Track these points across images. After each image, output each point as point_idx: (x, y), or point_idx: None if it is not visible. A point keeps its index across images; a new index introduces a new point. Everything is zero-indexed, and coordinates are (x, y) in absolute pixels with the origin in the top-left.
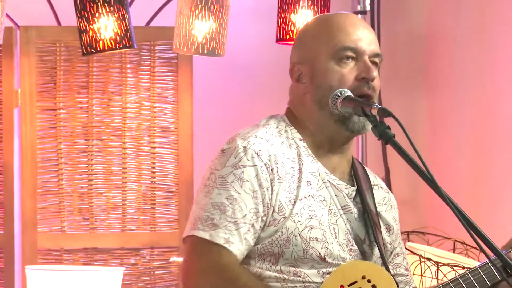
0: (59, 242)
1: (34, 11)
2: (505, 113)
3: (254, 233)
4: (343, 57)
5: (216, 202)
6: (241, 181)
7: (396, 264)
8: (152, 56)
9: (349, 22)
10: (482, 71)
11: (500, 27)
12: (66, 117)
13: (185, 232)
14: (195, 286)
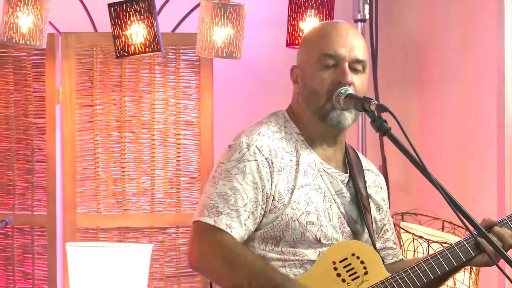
0: (96, 222)
1: (73, 19)
2: (485, 109)
3: (254, 220)
4: (324, 63)
5: (221, 192)
6: (244, 174)
7: (386, 239)
8: (177, 58)
9: (336, 30)
10: (466, 73)
11: (482, 34)
12: (102, 112)
13: (194, 217)
14: (199, 264)
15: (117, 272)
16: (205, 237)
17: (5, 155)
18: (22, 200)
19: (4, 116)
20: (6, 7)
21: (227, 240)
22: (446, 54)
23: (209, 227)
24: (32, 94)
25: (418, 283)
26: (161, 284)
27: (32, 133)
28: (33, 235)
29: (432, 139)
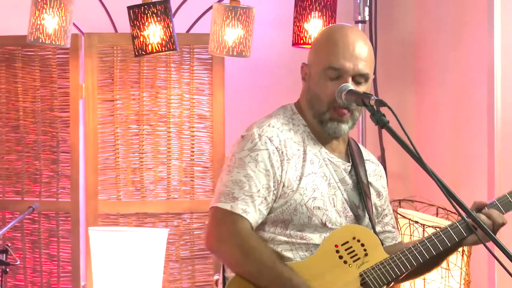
0: (116, 208)
1: (95, 20)
2: (476, 103)
3: (267, 205)
4: (329, 75)
5: (236, 179)
6: (256, 162)
7: (385, 223)
8: (191, 57)
9: (344, 41)
10: (459, 70)
11: (473, 35)
12: (122, 107)
13: (211, 203)
14: (216, 248)
15: (136, 255)
16: (222, 222)
17: (32, 146)
18: (48, 188)
19: (31, 110)
20: (33, 10)
21: (243, 228)
22: (440, 52)
23: (226, 213)
24: (57, 90)
25: (414, 263)
26: (177, 266)
27: (57, 126)
28: (58, 220)
29: (427, 131)
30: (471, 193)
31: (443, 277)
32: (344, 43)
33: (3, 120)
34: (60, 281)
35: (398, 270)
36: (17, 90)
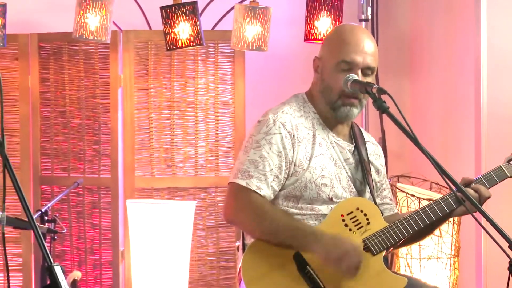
0: (150, 183)
1: (132, 19)
2: (464, 90)
3: (279, 182)
4: (341, 67)
5: (252, 159)
6: (270, 144)
7: (383, 196)
8: (216, 51)
9: (355, 39)
10: (448, 62)
11: (462, 31)
12: (155, 95)
13: (229, 179)
14: (234, 219)
15: (167, 224)
16: (238, 196)
17: (77, 129)
18: (90, 166)
19: (77, 98)
20: (78, 10)
21: (257, 199)
22: (432, 46)
23: (242, 188)
24: (99, 80)
25: (410, 231)
26: (203, 234)
27: (99, 112)
28: (99, 193)
29: (421, 115)
30: (460, 169)
31: (436, 243)
32: (354, 40)
33: (52, 107)
34: (102, 247)
35: (396, 237)
36: (64, 80)
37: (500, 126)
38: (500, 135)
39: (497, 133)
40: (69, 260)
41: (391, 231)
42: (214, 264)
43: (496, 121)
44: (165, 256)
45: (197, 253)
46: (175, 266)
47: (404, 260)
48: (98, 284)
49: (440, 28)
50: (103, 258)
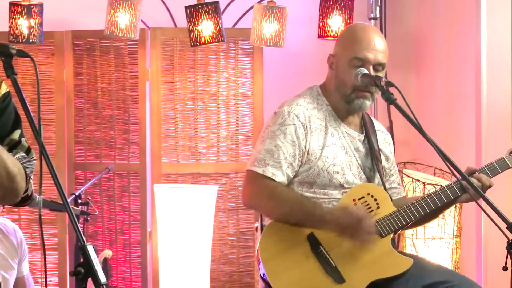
0: (175, 169)
1: (159, 17)
2: (465, 83)
3: (292, 169)
4: (354, 64)
5: (268, 148)
6: (285, 134)
7: (392, 181)
8: (236, 47)
9: (367, 37)
10: (451, 57)
11: (464, 28)
12: (180, 87)
13: (247, 167)
14: (251, 202)
15: (191, 206)
16: (255, 183)
17: (108, 119)
18: (120, 153)
19: (108, 90)
20: (109, 9)
21: (272, 184)
22: (436, 43)
23: (258, 175)
24: (128, 74)
25: (417, 215)
26: (224, 216)
27: (128, 103)
28: (129, 178)
29: (425, 106)
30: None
31: (439, 225)
32: (366, 38)
33: (85, 98)
34: (131, 227)
35: (404, 220)
36: (96, 74)
37: (498, 117)
38: (498, 125)
39: (496, 124)
40: (101, 240)
41: (399, 215)
42: (235, 243)
43: (495, 112)
44: (189, 236)
45: (218, 234)
46: (198, 245)
47: (410, 240)
48: (128, 262)
49: (443, 26)
50: (132, 238)
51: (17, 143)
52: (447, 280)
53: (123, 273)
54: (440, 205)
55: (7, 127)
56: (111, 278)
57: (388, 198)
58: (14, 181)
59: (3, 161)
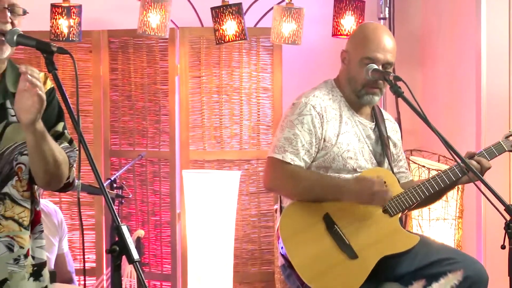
0: (202, 156)
1: (187, 18)
2: (466, 78)
3: (309, 155)
4: (364, 62)
5: (286, 136)
6: (302, 124)
7: (400, 166)
8: (257, 45)
9: (377, 37)
10: (454, 54)
11: (465, 28)
12: (206, 81)
13: (268, 154)
14: (272, 186)
15: (217, 190)
16: (276, 168)
17: (141, 110)
18: (152, 141)
19: (140, 84)
20: (142, 10)
21: (291, 167)
22: (440, 41)
23: (278, 161)
24: (159, 69)
25: (422, 196)
26: (246, 198)
27: (159, 96)
28: (160, 165)
29: (430, 98)
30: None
31: (443, 207)
32: (377, 39)
33: (120, 92)
34: (161, 209)
35: (410, 200)
36: (130, 69)
37: (496, 108)
38: (496, 115)
39: (494, 113)
40: (134, 221)
41: (406, 196)
42: (256, 223)
43: (493, 103)
44: (214, 217)
45: (241, 215)
46: (223, 225)
47: (416, 220)
48: (158, 241)
49: (446, 25)
50: (162, 219)
51: (61, 134)
52: (450, 257)
53: (154, 251)
54: (443, 186)
55: (52, 119)
56: (143, 255)
57: (396, 181)
58: (59, 168)
59: (51, 150)
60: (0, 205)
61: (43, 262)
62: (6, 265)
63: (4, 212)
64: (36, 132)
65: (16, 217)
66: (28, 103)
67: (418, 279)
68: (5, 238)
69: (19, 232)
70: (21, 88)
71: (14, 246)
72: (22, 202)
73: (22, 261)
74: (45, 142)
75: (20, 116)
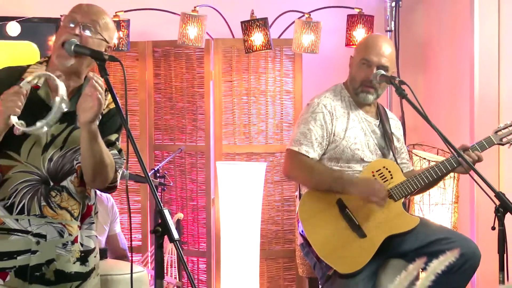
0: (233, 149)
1: (220, 30)
2: (461, 82)
3: (322, 148)
4: (362, 63)
5: (302, 131)
6: (315, 120)
7: (402, 158)
8: (281, 53)
9: (375, 43)
10: (451, 61)
11: (461, 39)
12: (237, 85)
13: (287, 146)
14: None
15: (246, 179)
16: (293, 158)
17: (180, 110)
18: (190, 137)
19: (180, 87)
20: (181, 23)
21: (306, 159)
22: (439, 50)
23: (295, 152)
24: (196, 75)
25: (422, 183)
26: (271, 186)
27: (196, 97)
28: (196, 157)
29: (431, 100)
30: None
31: (441, 194)
32: (374, 45)
33: (162, 94)
34: (198, 195)
35: (412, 187)
36: (171, 74)
37: (487, 107)
38: (487, 113)
39: (485, 112)
40: (174, 205)
41: (408, 183)
42: (279, 208)
43: (484, 103)
44: (243, 202)
45: (267, 200)
46: (251, 209)
47: (418, 205)
48: (195, 222)
49: (445, 37)
50: (199, 204)
51: (112, 143)
52: (448, 237)
53: (192, 232)
54: (440, 174)
55: (111, 131)
56: (182, 235)
57: (400, 171)
58: (105, 169)
59: (100, 151)
60: (58, 196)
61: (90, 250)
62: (55, 248)
63: (61, 202)
64: (90, 131)
65: (69, 208)
66: (89, 105)
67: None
68: (58, 224)
69: (70, 221)
70: (86, 93)
71: (65, 232)
72: (75, 196)
73: (69, 246)
74: (96, 143)
75: (79, 115)
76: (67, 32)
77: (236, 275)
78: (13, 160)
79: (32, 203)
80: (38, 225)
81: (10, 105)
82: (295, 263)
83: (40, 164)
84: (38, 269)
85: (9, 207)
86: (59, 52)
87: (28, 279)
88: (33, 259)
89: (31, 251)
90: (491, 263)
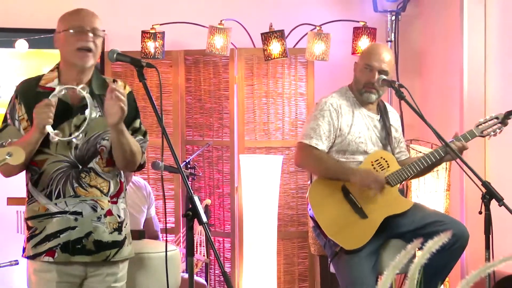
0: (254, 144)
1: (243, 40)
2: (453, 84)
3: (329, 141)
4: (364, 67)
5: (311, 126)
6: (323, 117)
7: (400, 147)
8: (296, 61)
9: (376, 51)
10: (444, 68)
11: (453, 48)
12: (257, 88)
13: (298, 140)
14: (301, 163)
15: (265, 169)
16: (304, 150)
17: (208, 110)
18: (217, 133)
19: (208, 90)
20: (209, 35)
21: (316, 151)
22: (433, 57)
23: (306, 145)
24: (222, 79)
25: (415, 170)
26: (287, 176)
27: (222, 99)
28: (222, 151)
29: (426, 101)
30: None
31: (435, 182)
32: (375, 52)
33: (192, 96)
34: (224, 184)
35: (406, 174)
36: (200, 79)
37: (474, 108)
38: (474, 112)
39: (472, 111)
40: (203, 192)
41: (404, 171)
42: (294, 194)
43: (472, 104)
44: (263, 190)
45: (283, 188)
46: (269, 196)
47: (415, 192)
48: (221, 207)
49: (438, 47)
50: (224, 191)
51: (137, 129)
52: (441, 220)
53: (218, 215)
54: (431, 163)
55: (131, 116)
56: (210, 218)
57: (395, 160)
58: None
59: (128, 144)
60: (87, 176)
61: (122, 221)
62: (91, 222)
63: (90, 181)
64: (118, 130)
65: (98, 186)
66: (113, 110)
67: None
68: (90, 201)
69: (100, 197)
70: (108, 98)
71: (97, 207)
72: (103, 175)
73: (103, 219)
74: (124, 138)
75: (107, 118)
76: (79, 39)
77: (257, 253)
78: (46, 154)
79: (66, 186)
80: (74, 204)
81: (44, 116)
82: (307, 243)
83: (68, 152)
84: (79, 242)
85: (49, 195)
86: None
87: (71, 251)
88: (73, 234)
89: (70, 227)
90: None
